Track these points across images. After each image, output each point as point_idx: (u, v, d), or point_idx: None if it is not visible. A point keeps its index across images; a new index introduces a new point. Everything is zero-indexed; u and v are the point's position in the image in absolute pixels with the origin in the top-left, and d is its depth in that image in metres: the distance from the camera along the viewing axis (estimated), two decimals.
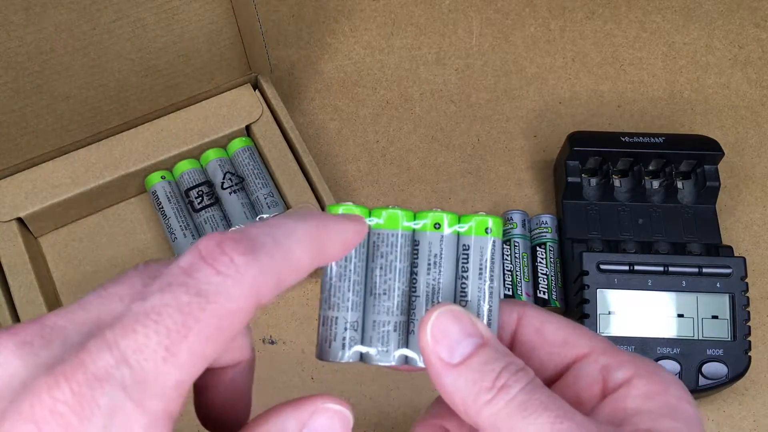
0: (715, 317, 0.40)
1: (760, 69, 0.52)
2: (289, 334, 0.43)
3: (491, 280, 0.23)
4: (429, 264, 0.23)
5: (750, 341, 0.39)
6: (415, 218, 0.23)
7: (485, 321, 0.23)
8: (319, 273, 0.46)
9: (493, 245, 0.23)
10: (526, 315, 0.24)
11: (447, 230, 0.23)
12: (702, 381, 0.39)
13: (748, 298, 0.40)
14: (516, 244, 0.44)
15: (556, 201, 0.46)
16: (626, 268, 0.40)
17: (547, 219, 0.44)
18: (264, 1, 0.53)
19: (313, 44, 0.52)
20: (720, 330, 0.39)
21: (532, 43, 0.52)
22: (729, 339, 0.39)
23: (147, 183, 0.44)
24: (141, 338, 0.16)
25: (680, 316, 0.40)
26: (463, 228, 0.23)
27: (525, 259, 0.43)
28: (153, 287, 0.17)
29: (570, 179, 0.43)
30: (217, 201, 0.43)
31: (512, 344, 0.24)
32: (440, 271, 0.23)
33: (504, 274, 0.43)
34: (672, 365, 0.39)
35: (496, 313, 0.23)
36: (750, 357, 0.39)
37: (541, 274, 0.43)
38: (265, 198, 0.43)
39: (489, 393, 0.20)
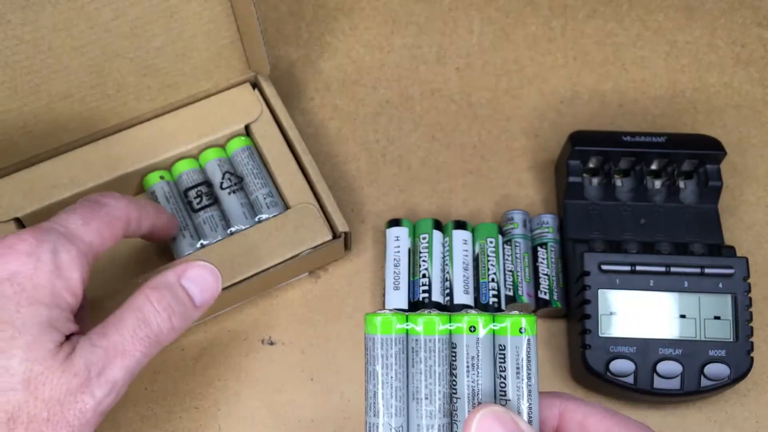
0: (717, 318, 0.39)
1: (763, 68, 0.51)
2: (288, 334, 0.43)
3: (529, 378, 0.24)
4: (467, 366, 0.24)
5: (752, 342, 0.39)
6: (450, 321, 0.24)
7: (526, 418, 0.23)
8: (319, 275, 0.46)
9: (528, 344, 0.24)
10: (568, 409, 0.25)
11: (482, 332, 0.24)
12: (704, 382, 0.39)
13: (750, 298, 0.39)
14: (517, 244, 0.43)
15: (557, 201, 0.46)
16: (628, 268, 0.40)
17: (549, 219, 0.44)
18: (263, 0, 0.53)
19: (313, 43, 0.52)
20: (722, 331, 0.39)
21: (533, 42, 0.52)
22: (731, 340, 0.39)
23: (145, 183, 0.44)
24: (67, 216, 0.30)
25: (682, 316, 0.39)
26: (497, 328, 0.24)
27: (526, 260, 0.43)
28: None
29: (571, 179, 0.43)
30: (216, 201, 0.43)
31: None
32: (479, 372, 0.24)
33: (505, 274, 0.43)
34: (674, 366, 0.39)
35: (537, 410, 0.24)
36: (752, 358, 0.39)
37: (543, 274, 0.42)
38: (265, 198, 0.42)
39: None
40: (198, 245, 0.41)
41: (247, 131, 0.45)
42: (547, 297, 0.42)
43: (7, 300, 0.26)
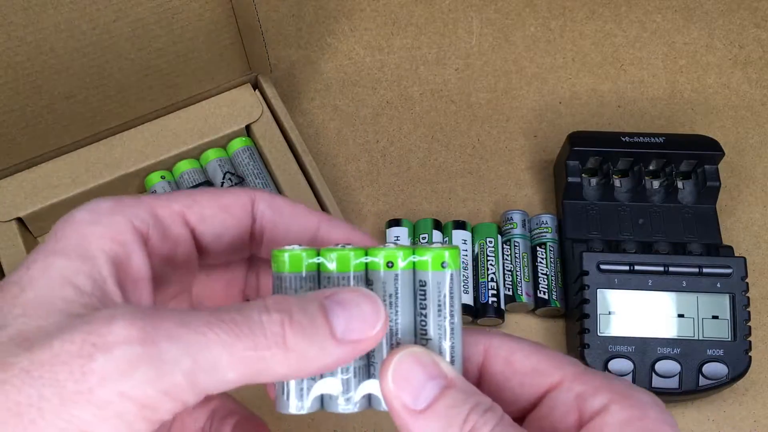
0: (715, 317, 0.40)
1: (761, 69, 0.52)
2: None
3: (452, 316, 0.22)
4: (385, 304, 0.22)
5: (750, 341, 0.39)
6: (366, 255, 0.22)
7: (448, 359, 0.22)
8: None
9: (451, 279, 0.22)
10: (493, 345, 0.23)
11: (401, 267, 0.22)
12: (702, 381, 0.39)
13: (748, 298, 0.40)
14: (516, 244, 0.44)
15: (556, 201, 0.46)
16: (626, 268, 0.40)
17: (548, 219, 0.44)
18: (264, 1, 0.53)
19: (313, 44, 0.52)
20: (720, 330, 0.39)
21: (532, 43, 0.52)
22: (729, 339, 0.39)
23: (147, 183, 0.44)
24: None
25: (680, 316, 0.40)
26: (417, 260, 0.22)
27: (525, 259, 0.43)
28: None
29: (570, 179, 0.43)
30: None
31: (481, 377, 0.23)
32: (397, 311, 0.22)
33: (504, 274, 0.43)
34: (672, 365, 0.39)
35: (459, 349, 0.22)
36: (750, 357, 0.39)
37: (542, 274, 0.43)
38: None
39: None
40: None
41: (248, 131, 0.45)
42: (546, 296, 0.42)
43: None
